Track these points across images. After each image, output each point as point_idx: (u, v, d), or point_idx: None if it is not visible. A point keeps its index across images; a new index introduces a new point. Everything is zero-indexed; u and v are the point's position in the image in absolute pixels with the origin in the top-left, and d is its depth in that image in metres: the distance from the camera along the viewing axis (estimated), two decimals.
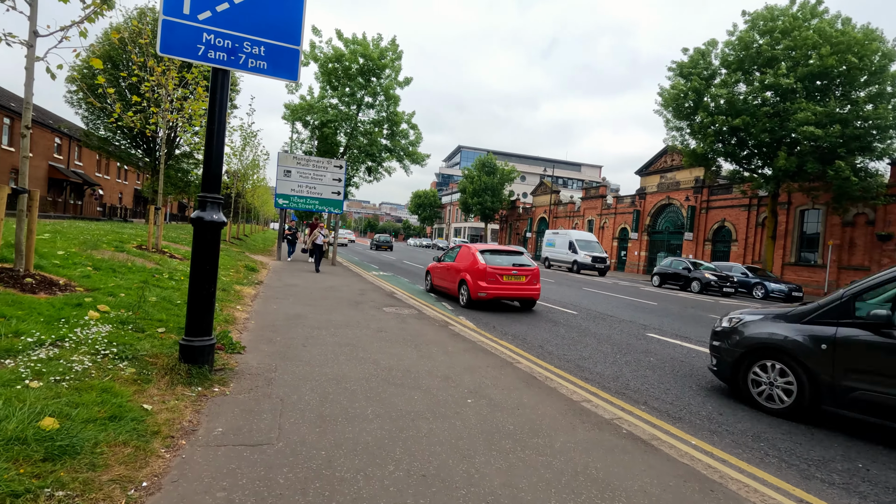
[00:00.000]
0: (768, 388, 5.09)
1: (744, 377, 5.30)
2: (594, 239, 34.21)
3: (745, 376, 5.29)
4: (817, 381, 4.65)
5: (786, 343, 4.92)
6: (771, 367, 5.08)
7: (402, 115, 25.87)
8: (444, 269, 13.16)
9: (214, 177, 4.11)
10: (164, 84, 11.01)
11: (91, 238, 10.05)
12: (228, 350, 5.01)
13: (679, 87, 24.52)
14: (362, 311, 8.97)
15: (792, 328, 4.97)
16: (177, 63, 11.19)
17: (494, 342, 7.56)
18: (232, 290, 9.30)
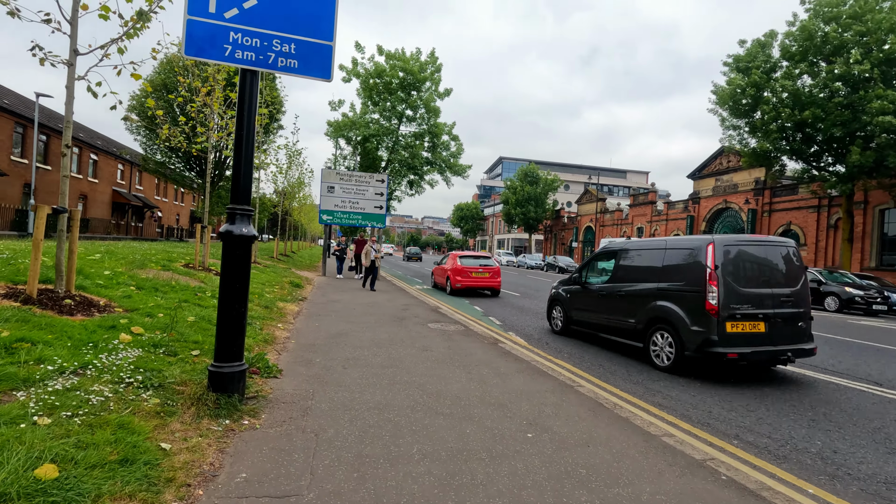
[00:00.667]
0: (556, 320, 9.74)
1: (548, 315, 10.15)
2: None
3: (548, 315, 10.12)
4: (569, 315, 9.29)
5: (558, 296, 9.72)
6: (556, 309, 9.76)
7: (442, 126, 25.69)
8: (439, 270, 18.36)
9: (244, 187, 3.77)
10: (210, 104, 11.16)
11: (140, 257, 10.18)
12: (264, 374, 4.65)
13: (736, 82, 23.03)
14: (406, 327, 8.52)
15: (561, 288, 9.74)
16: (221, 83, 11.33)
17: (550, 361, 6.90)
18: (275, 307, 9.10)
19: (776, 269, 6.71)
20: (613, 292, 8.03)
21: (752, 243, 6.88)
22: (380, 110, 24.83)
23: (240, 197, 3.76)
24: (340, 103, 24.36)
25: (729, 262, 6.37)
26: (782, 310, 6.42)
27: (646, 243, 8.03)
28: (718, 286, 6.20)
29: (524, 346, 7.97)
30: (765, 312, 6.31)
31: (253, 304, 8.53)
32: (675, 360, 6.58)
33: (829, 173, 23.20)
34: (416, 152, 24.63)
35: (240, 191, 3.76)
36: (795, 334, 6.50)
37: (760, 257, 6.73)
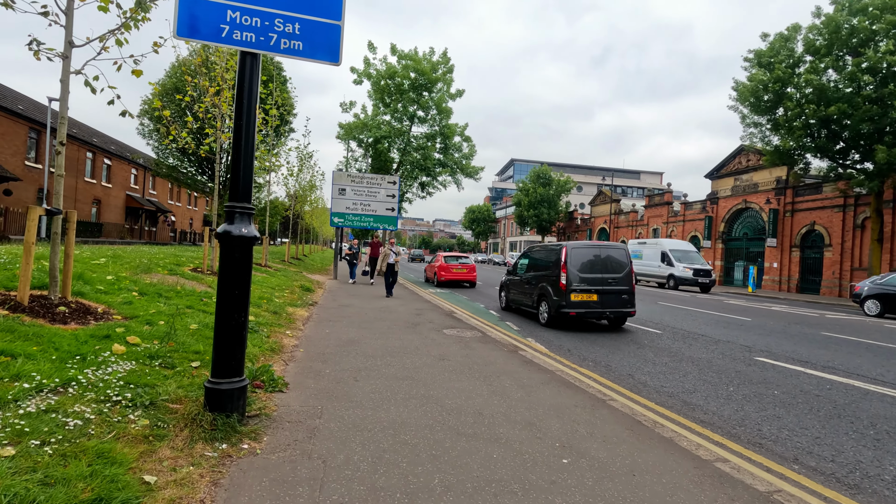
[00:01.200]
0: (502, 301, 13.12)
1: (498, 296, 13.43)
2: (693, 248, 29.17)
3: (499, 296, 13.46)
4: (508, 297, 12.67)
5: (502, 284, 13.07)
6: (502, 293, 13.18)
7: (454, 127, 25.32)
8: (429, 267, 23.05)
9: (244, 183, 3.39)
10: (219, 104, 10.90)
11: (147, 262, 9.92)
12: (268, 388, 4.27)
13: (758, 77, 22.31)
14: (421, 334, 8.11)
15: (504, 278, 13.06)
16: (230, 82, 11.06)
17: (575, 370, 6.43)
18: (284, 312, 8.76)
19: (608, 262, 10.49)
20: (525, 279, 11.97)
21: (593, 246, 10.95)
22: (391, 111, 24.55)
23: (239, 194, 3.38)
24: (352, 105, 24.13)
25: (576, 258, 10.22)
26: (609, 287, 10.23)
27: (540, 246, 11.95)
28: (567, 273, 10.04)
29: (546, 354, 7.51)
30: (596, 289, 10.14)
31: (261, 310, 8.19)
32: (548, 318, 10.48)
33: (856, 171, 22.36)
34: (427, 153, 24.30)
35: (240, 187, 3.38)
36: (620, 303, 10.28)
37: (598, 255, 10.56)
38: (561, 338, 9.18)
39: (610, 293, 10.18)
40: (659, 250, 28.50)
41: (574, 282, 9.87)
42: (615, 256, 10.63)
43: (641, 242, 31.79)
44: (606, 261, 10.47)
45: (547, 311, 10.43)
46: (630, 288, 10.36)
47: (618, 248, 10.95)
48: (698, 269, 26.18)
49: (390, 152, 25.28)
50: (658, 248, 28.85)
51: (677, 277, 26.64)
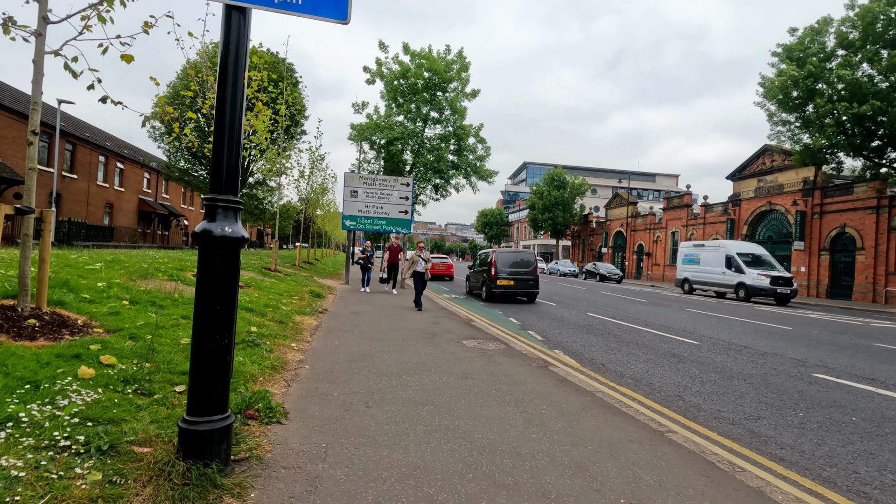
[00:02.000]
0: (466, 286, 19.17)
1: (464, 286, 19.65)
2: (764, 252, 24.84)
3: (464, 285, 19.62)
4: (470, 285, 18.54)
5: (467, 276, 19.20)
6: (466, 283, 19.41)
7: (469, 128, 24.65)
8: None
9: (229, 170, 2.71)
10: None
11: (148, 266, 9.36)
12: (264, 419, 3.58)
13: (788, 73, 21.29)
14: (439, 346, 7.39)
15: (468, 272, 19.42)
16: None
17: (616, 390, 5.66)
18: (291, 322, 8.10)
19: (522, 261, 16.04)
20: (477, 272, 17.16)
21: (513, 252, 16.83)
22: (404, 112, 23.95)
23: (223, 183, 2.70)
24: (364, 105, 23.60)
25: (501, 259, 15.76)
26: (522, 277, 15.64)
27: (483, 252, 16.30)
28: (496, 267, 15.46)
29: (579, 370, 6.73)
30: (513, 277, 15.60)
31: (265, 320, 7.54)
32: (486, 295, 16.21)
33: (893, 170, 21.21)
34: (441, 155, 23.64)
35: (223, 175, 2.71)
36: (528, 286, 15.71)
37: (515, 257, 16.34)
38: (591, 349, 8.39)
39: (522, 280, 15.82)
40: (723, 254, 24.37)
41: (499, 273, 14.99)
42: (526, 258, 16.44)
43: (698, 245, 27.96)
44: (520, 261, 16.23)
45: (485, 291, 16.36)
46: (535, 277, 16.02)
47: (528, 252, 16.91)
48: (777, 277, 21.60)
49: (403, 154, 24.68)
50: (721, 251, 24.74)
51: (750, 287, 22.04)
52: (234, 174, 2.73)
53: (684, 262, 27.92)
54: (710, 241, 28.45)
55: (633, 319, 12.90)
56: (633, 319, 12.91)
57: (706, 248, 26.55)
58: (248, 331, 6.29)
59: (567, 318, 12.83)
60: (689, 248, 28.41)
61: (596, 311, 14.81)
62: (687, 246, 28.97)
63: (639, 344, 9.23)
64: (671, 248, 45.02)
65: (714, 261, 25.02)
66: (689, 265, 27.33)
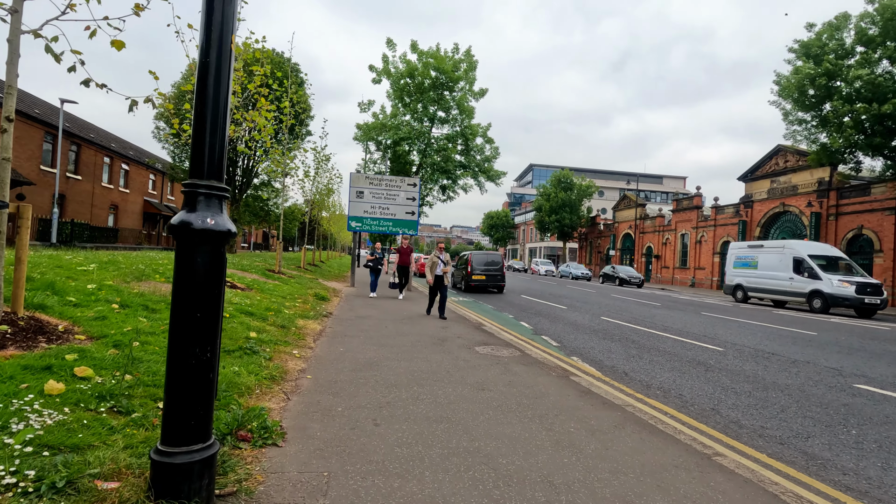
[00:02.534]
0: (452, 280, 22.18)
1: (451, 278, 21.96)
2: (840, 253, 21.32)
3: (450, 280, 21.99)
4: (453, 280, 22.26)
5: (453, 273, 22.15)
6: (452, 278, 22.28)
7: (476, 127, 24.22)
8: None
9: (212, 151, 2.27)
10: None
11: (145, 267, 8.98)
12: (258, 441, 3.13)
13: (805, 71, 20.70)
14: (450, 352, 6.93)
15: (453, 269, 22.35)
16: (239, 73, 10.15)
17: (645, 403, 5.17)
18: (293, 326, 7.67)
19: (492, 261, 20.64)
20: (459, 269, 20.88)
21: (485, 252, 21.21)
22: (411, 111, 23.56)
23: (205, 166, 2.26)
24: (370, 104, 23.22)
25: (476, 259, 20.00)
26: (491, 273, 20.22)
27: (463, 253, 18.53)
28: (471, 265, 19.79)
29: (602, 380, 6.25)
30: (485, 273, 20.18)
31: (266, 324, 7.12)
32: (464, 288, 20.55)
33: None
34: (449, 155, 23.21)
35: (205, 156, 2.27)
36: (496, 280, 20.22)
37: (487, 256, 20.96)
38: (610, 356, 7.89)
39: (491, 276, 20.24)
40: (790, 256, 20.63)
41: (474, 270, 17.56)
42: (495, 258, 21.00)
43: (754, 246, 23.81)
44: (491, 261, 20.72)
45: (464, 284, 20.19)
46: (502, 273, 20.56)
47: (496, 254, 21.37)
48: (864, 284, 17.90)
49: (410, 154, 24.28)
50: (787, 252, 21.01)
51: (829, 296, 18.21)
52: (219, 155, 2.29)
53: (737, 265, 23.90)
54: (772, 242, 23.70)
55: (649, 323, 12.38)
56: (650, 324, 12.40)
57: (766, 250, 22.58)
58: (246, 336, 5.86)
59: (580, 322, 12.33)
60: (742, 250, 24.23)
61: (609, 314, 14.30)
62: (739, 247, 24.70)
63: (660, 350, 8.72)
64: (681, 250, 44.36)
65: (777, 264, 21.16)
66: (743, 269, 23.33)
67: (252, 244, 68.59)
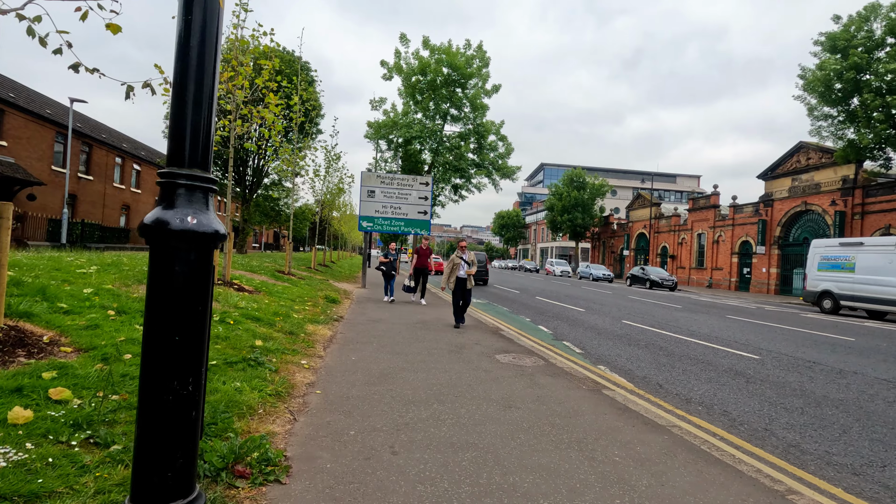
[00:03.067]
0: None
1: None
2: None
3: None
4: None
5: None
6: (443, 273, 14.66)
7: (489, 125, 23.72)
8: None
9: (195, 131, 1.81)
10: (233, 91, 9.60)
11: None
12: (257, 477, 2.68)
13: (831, 64, 19.90)
14: (469, 362, 6.45)
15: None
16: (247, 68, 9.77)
17: (690, 423, 4.65)
18: (302, 332, 7.24)
19: (479, 260, 23.50)
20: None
21: (474, 252, 18.06)
22: (423, 109, 23.11)
23: (186, 151, 1.81)
24: (382, 101, 22.82)
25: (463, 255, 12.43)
26: (479, 269, 23.13)
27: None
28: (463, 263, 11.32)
29: (635, 392, 5.73)
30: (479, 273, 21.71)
31: (273, 331, 6.69)
32: None
33: None
34: (462, 154, 22.73)
35: (187, 139, 1.81)
36: (482, 275, 24.81)
37: (476, 255, 22.20)
38: (640, 364, 7.35)
39: (479, 272, 23.14)
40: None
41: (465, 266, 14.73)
42: (481, 258, 24.79)
43: (849, 244, 19.08)
44: (478, 260, 22.75)
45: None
46: (486, 269, 25.08)
47: (482, 253, 25.77)
48: None
49: (422, 153, 23.83)
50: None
51: None
52: (205, 138, 1.83)
53: (823, 267, 19.62)
54: (876, 239, 18.88)
55: (673, 328, 11.79)
56: (674, 328, 11.81)
57: (866, 249, 18.12)
58: (251, 346, 5.43)
59: (601, 326, 11.78)
60: (832, 249, 19.60)
61: (630, 318, 13.72)
62: (827, 246, 19.95)
63: (691, 358, 8.16)
64: (697, 250, 43.44)
65: (884, 266, 16.95)
66: (834, 273, 19.06)
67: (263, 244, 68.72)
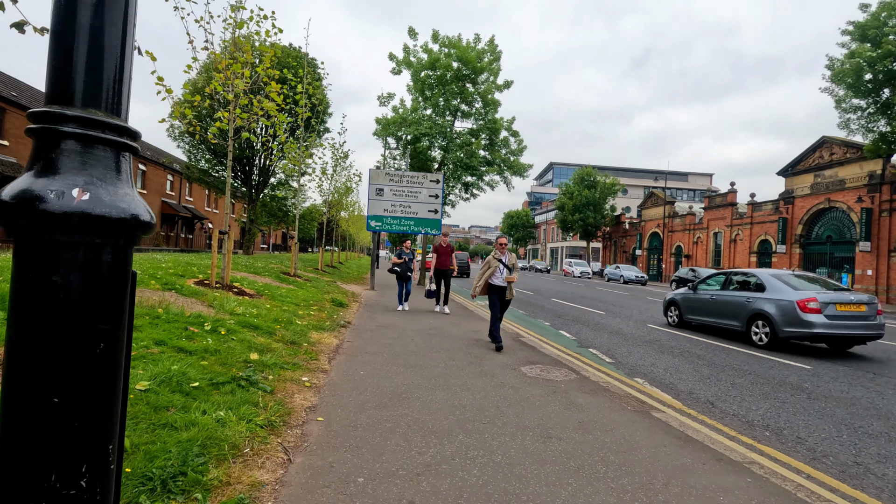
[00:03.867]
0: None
1: None
2: None
3: None
4: None
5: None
6: None
7: (501, 121, 22.94)
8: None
9: (95, 51, 1.07)
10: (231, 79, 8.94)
11: (141, 272, 7.97)
12: None
13: (865, 52, 18.88)
14: (493, 376, 5.69)
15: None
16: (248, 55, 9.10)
17: (769, 458, 3.86)
18: (305, 342, 6.52)
19: (462, 257, 30.59)
20: None
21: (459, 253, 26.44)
22: (432, 105, 22.38)
23: (81, 80, 1.07)
24: (390, 97, 22.12)
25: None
26: (461, 266, 30.54)
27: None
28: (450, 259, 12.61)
29: (687, 414, 4.94)
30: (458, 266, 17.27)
31: (272, 340, 5.98)
32: None
33: None
34: (473, 151, 21.96)
35: (84, 60, 1.06)
36: (464, 269, 32.32)
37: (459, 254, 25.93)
38: (680, 376, 6.54)
39: (461, 267, 29.93)
40: None
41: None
42: (462, 257, 30.26)
43: None
44: (462, 258, 29.48)
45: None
46: (467, 265, 33.20)
47: (464, 253, 34.70)
48: None
49: (431, 151, 23.12)
50: None
51: None
52: (116, 61, 1.10)
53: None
54: None
55: (705, 332, 10.95)
56: (707, 332, 10.96)
57: None
58: (245, 360, 4.72)
59: (626, 330, 10.98)
60: None
61: (654, 321, 12.89)
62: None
63: (736, 368, 7.34)
64: (713, 249, 42.34)
65: None
66: None
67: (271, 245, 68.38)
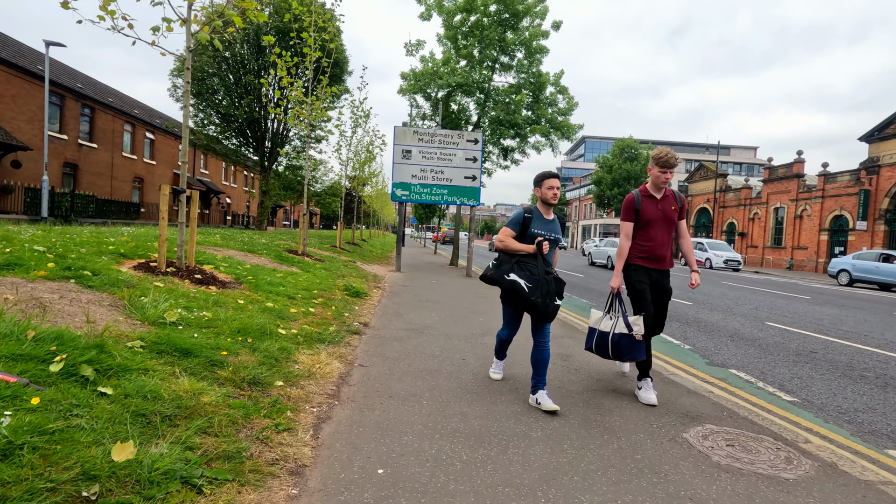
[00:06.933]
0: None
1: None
2: None
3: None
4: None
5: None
6: None
7: (546, 76, 19.45)
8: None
9: None
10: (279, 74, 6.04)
11: (68, 248, 5.27)
12: None
13: None
14: (635, 457, 2.72)
15: None
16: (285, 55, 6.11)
17: None
18: (282, 375, 3.68)
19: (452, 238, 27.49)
20: None
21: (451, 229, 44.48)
22: (466, 55, 19.03)
23: None
24: (419, 44, 18.90)
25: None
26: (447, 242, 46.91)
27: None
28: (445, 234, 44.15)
29: None
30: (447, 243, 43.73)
31: (211, 382, 3.11)
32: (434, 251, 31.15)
33: None
34: (517, 107, 18.64)
35: None
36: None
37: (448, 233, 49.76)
38: None
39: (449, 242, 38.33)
40: None
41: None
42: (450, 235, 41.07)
43: None
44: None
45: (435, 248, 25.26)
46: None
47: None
48: None
49: (466, 109, 19.88)
50: None
51: None
52: None
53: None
54: None
55: (852, 336, 7.74)
56: (853, 336, 7.76)
57: None
58: (82, 476, 1.86)
59: (748, 334, 7.87)
60: None
61: (770, 317, 9.72)
62: None
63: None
64: (773, 226, 38.11)
65: None
66: None
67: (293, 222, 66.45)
